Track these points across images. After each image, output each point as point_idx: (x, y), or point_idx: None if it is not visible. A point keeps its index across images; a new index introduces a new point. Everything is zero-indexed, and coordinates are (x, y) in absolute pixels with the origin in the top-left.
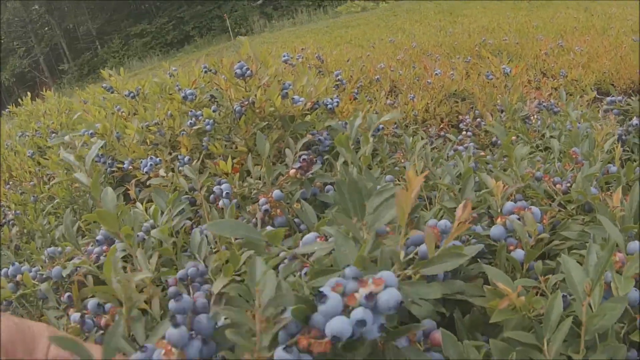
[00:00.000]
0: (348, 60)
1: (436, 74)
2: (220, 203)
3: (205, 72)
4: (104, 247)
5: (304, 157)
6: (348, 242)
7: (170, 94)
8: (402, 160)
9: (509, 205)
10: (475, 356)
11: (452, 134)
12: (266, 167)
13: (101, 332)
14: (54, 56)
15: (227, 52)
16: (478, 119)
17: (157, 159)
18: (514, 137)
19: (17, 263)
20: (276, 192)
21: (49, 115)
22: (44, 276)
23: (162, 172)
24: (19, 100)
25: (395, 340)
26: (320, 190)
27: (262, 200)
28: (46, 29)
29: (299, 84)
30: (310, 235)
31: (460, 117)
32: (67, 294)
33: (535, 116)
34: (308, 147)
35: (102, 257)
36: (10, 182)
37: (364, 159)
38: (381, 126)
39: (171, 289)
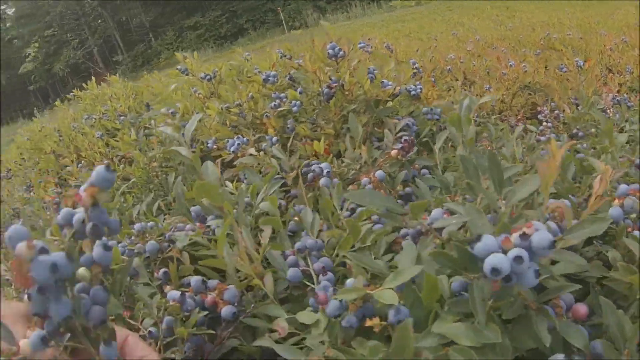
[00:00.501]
0: (417, 51)
1: (510, 65)
2: (321, 182)
3: (282, 57)
4: (197, 224)
5: (405, 138)
6: (481, 215)
7: (249, 77)
8: (488, 147)
9: (623, 187)
10: (629, 327)
11: (532, 124)
12: (367, 148)
13: (205, 311)
14: (107, 48)
15: (282, 45)
16: (556, 111)
17: (245, 139)
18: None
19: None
20: (379, 172)
21: (115, 99)
22: (135, 251)
23: (252, 150)
24: (74, 90)
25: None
26: (418, 172)
27: (364, 180)
28: (99, 21)
29: (386, 69)
30: (438, 211)
31: (538, 108)
32: (163, 269)
33: (611, 109)
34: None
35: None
36: (81, 162)
37: (469, 141)
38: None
39: (290, 258)
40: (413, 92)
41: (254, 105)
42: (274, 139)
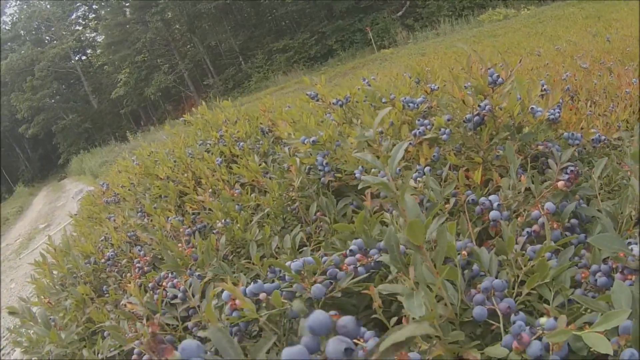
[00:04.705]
0: (532, 69)
1: (634, 82)
2: (491, 215)
3: (417, 82)
4: (358, 256)
5: (571, 168)
6: None
7: (385, 102)
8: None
9: None
10: None
11: None
12: (532, 178)
13: None
14: (198, 72)
15: (373, 64)
16: None
17: (397, 170)
18: None
19: (259, 280)
20: (549, 205)
21: (231, 124)
22: (294, 293)
23: (411, 182)
24: (166, 113)
25: None
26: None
27: (535, 212)
28: (189, 46)
29: (533, 94)
30: None
31: None
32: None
33: None
34: (535, 158)
35: (356, 267)
36: (199, 190)
37: None
38: (603, 137)
39: (478, 297)
40: (552, 117)
41: (392, 131)
42: (427, 168)
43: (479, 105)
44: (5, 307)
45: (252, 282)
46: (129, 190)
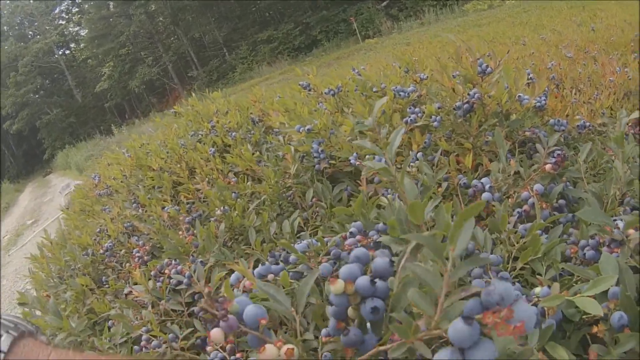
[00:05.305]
0: (517, 58)
1: (617, 70)
2: (483, 196)
3: (406, 71)
4: (359, 237)
5: (557, 152)
6: None
7: (376, 92)
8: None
9: None
10: None
11: None
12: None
13: None
14: (182, 64)
15: (358, 54)
16: None
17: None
18: None
19: (266, 262)
20: (538, 186)
21: (222, 115)
22: (300, 273)
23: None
24: (150, 106)
25: None
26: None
27: (525, 194)
28: (172, 38)
29: (520, 82)
30: None
31: None
32: None
33: None
34: (523, 144)
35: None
36: (194, 179)
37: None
38: (588, 123)
39: (476, 270)
40: (538, 104)
41: (385, 120)
42: (419, 154)
43: (468, 94)
44: (16, 299)
45: (260, 265)
46: (121, 182)
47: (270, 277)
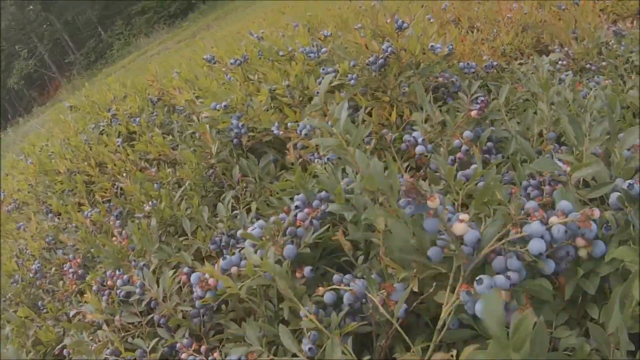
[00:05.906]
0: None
1: (514, 7)
2: (417, 149)
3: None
4: (307, 210)
5: (481, 98)
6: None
7: (282, 56)
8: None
9: None
10: None
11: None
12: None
13: None
14: (58, 51)
15: (236, 12)
16: (566, 48)
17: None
18: None
19: (227, 255)
20: (467, 133)
21: (120, 100)
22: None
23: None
24: (32, 101)
25: None
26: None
27: (457, 141)
28: (45, 26)
29: (431, 32)
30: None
31: (549, 47)
32: (308, 267)
33: (611, 41)
34: (436, 89)
35: (310, 221)
36: (106, 174)
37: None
38: (495, 63)
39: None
40: (448, 50)
41: (297, 83)
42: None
43: (382, 49)
44: None
45: (221, 259)
46: (28, 192)
47: (233, 269)
